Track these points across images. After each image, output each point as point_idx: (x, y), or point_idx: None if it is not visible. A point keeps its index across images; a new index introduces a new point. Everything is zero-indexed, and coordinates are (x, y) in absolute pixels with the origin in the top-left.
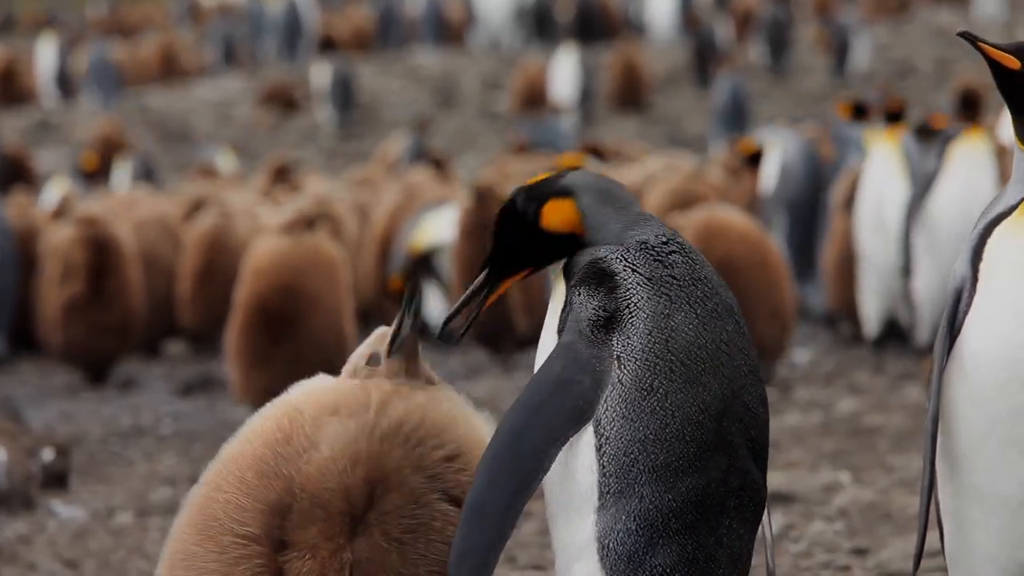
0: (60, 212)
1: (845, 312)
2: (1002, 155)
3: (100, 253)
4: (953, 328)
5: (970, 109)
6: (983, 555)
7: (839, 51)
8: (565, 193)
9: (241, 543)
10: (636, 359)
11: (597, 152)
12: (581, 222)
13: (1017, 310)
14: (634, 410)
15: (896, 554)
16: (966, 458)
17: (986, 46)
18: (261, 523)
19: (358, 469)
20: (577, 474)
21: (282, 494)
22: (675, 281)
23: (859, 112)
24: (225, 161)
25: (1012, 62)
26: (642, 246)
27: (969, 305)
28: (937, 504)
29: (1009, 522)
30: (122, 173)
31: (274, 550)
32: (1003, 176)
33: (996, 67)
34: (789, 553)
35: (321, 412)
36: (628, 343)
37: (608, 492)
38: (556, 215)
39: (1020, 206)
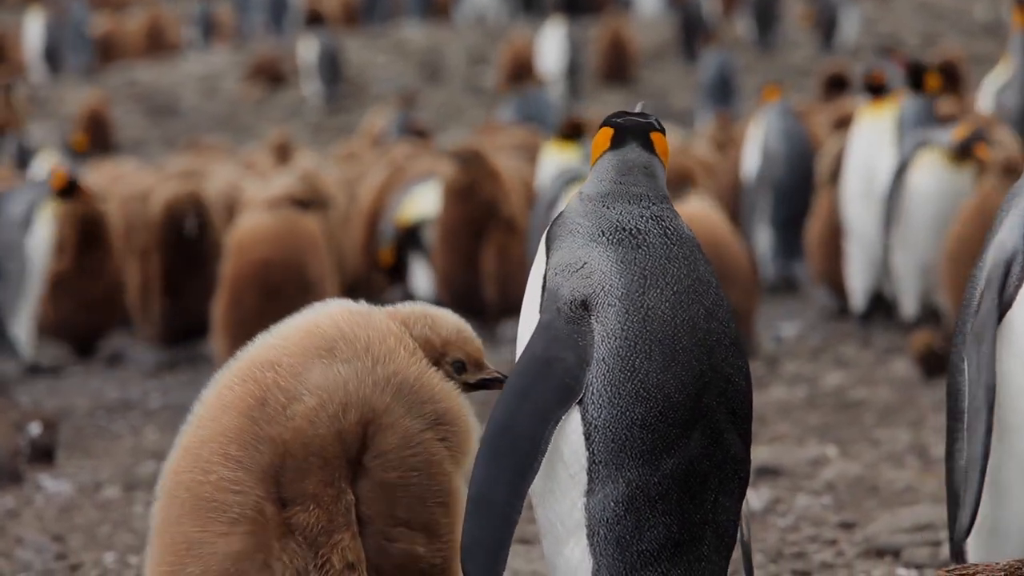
0: None
1: (830, 287)
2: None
3: (88, 228)
4: (1003, 300)
5: (950, 82)
6: (1018, 524)
7: (826, 26)
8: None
9: (249, 514)
10: (616, 338)
11: (580, 127)
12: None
13: None
14: (619, 393)
15: (883, 528)
16: (1017, 428)
17: None
18: (262, 489)
19: (350, 413)
20: (566, 457)
21: (272, 455)
22: (649, 261)
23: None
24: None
25: None
26: (618, 227)
27: (1021, 278)
28: (951, 475)
29: None
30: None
31: (280, 509)
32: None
33: None
34: (776, 527)
35: (302, 361)
36: (606, 323)
37: (596, 478)
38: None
39: None
